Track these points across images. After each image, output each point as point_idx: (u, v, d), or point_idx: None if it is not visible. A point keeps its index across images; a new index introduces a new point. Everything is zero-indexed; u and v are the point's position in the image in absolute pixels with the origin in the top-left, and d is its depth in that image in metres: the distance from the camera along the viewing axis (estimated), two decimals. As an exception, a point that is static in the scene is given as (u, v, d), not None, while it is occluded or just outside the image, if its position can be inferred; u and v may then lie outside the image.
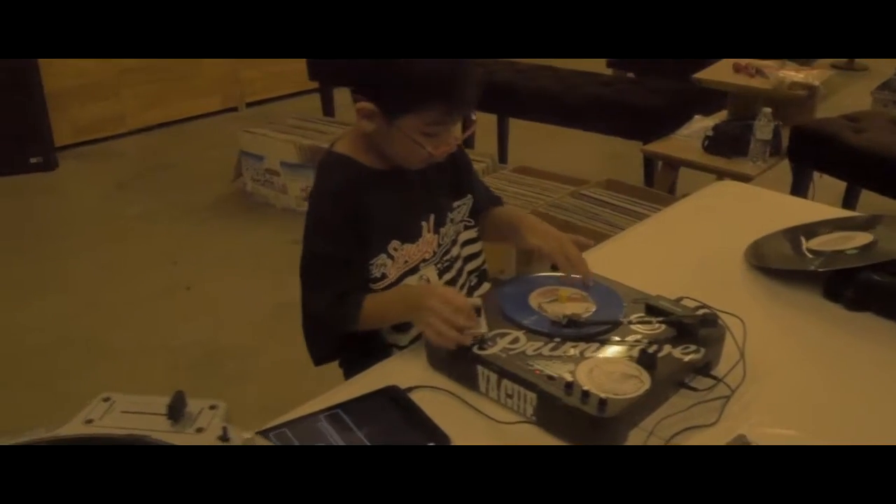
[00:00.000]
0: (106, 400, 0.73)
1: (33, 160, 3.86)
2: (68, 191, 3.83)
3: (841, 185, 2.97)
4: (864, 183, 2.85)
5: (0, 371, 2.41)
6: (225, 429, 0.69)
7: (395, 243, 1.24)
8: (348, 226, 1.21)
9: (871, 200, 2.86)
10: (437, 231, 1.29)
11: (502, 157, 3.85)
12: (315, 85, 4.27)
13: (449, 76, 1.13)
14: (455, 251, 1.34)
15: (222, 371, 2.42)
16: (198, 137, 4.43)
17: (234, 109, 4.78)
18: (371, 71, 1.15)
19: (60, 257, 3.15)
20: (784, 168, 3.04)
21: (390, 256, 1.24)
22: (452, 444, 1.01)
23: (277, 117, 3.85)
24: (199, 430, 0.70)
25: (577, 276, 1.25)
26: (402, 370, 1.17)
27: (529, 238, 1.32)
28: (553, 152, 3.93)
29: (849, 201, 2.97)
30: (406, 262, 1.26)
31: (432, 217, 1.28)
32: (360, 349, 1.28)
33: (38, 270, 3.06)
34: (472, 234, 1.37)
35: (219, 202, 3.66)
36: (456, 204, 1.34)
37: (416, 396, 1.10)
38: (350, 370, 1.29)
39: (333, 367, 1.37)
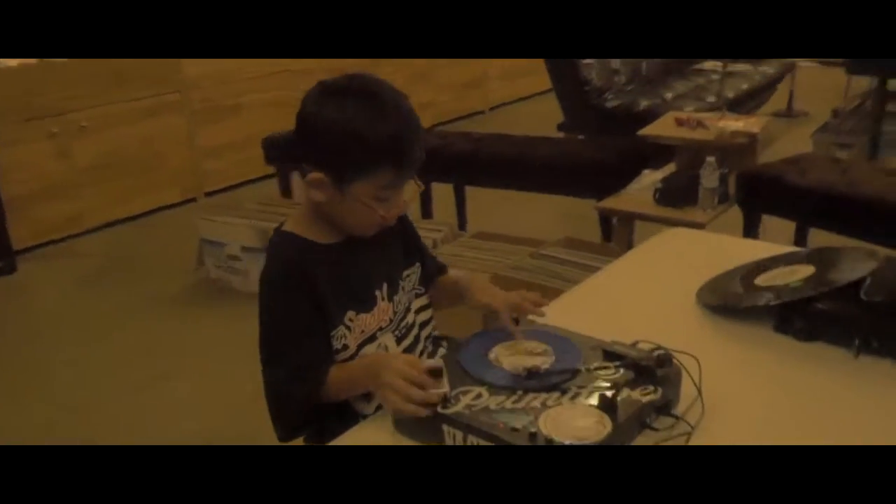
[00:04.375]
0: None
1: (-8, 265, 3.83)
2: (29, 293, 3.80)
3: (790, 226, 3.07)
4: (812, 222, 2.95)
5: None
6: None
7: (350, 314, 1.26)
8: (302, 299, 1.23)
9: (819, 238, 2.95)
10: (391, 299, 1.32)
11: (461, 224, 3.92)
12: (272, 170, 4.33)
13: (397, 139, 1.18)
14: (410, 318, 1.36)
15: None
16: (159, 230, 4.44)
17: (194, 200, 4.81)
18: (321, 139, 1.19)
19: (32, 362, 3.10)
20: (735, 213, 3.13)
21: (347, 328, 1.26)
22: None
23: (236, 204, 3.89)
24: None
25: (528, 325, 1.28)
26: (367, 437, 1.18)
27: (479, 297, 1.35)
28: (511, 216, 4.01)
29: (799, 241, 3.06)
30: (363, 331, 1.28)
31: (385, 286, 1.31)
32: (327, 419, 1.28)
33: (11, 377, 3.01)
34: (423, 300, 1.41)
35: (184, 292, 3.65)
36: (406, 272, 1.37)
37: (384, 462, 1.11)
38: (317, 441, 1.29)
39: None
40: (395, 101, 1.20)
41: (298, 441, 1.35)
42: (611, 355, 1.21)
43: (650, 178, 3.36)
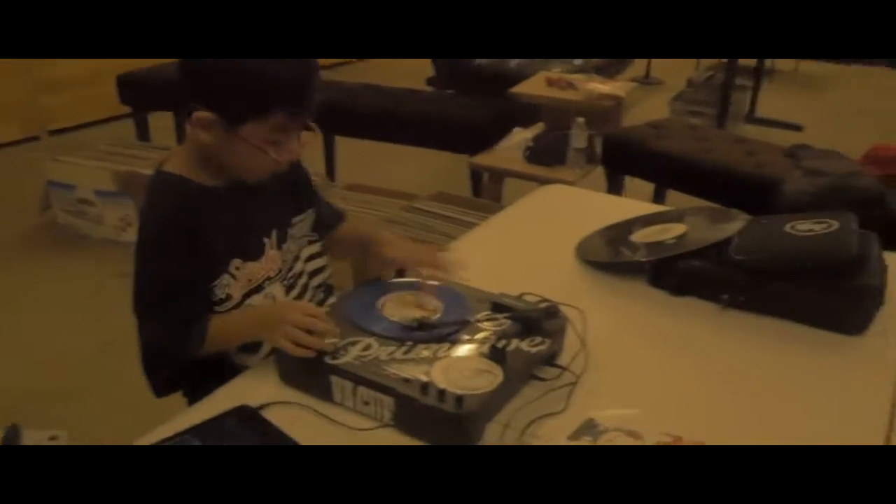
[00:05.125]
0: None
1: None
2: None
3: (650, 186, 3.21)
4: (668, 183, 3.09)
5: None
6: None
7: (236, 262, 1.20)
8: (184, 248, 1.15)
9: (675, 199, 3.10)
10: (280, 247, 1.26)
11: (331, 175, 3.84)
12: (127, 110, 4.06)
13: (294, 80, 1.11)
14: (299, 266, 1.31)
15: (48, 416, 2.23)
16: (-5, 169, 4.09)
17: (36, 138, 4.44)
18: (212, 77, 1.10)
19: None
20: (599, 173, 3.24)
21: (233, 276, 1.20)
22: (312, 457, 0.99)
23: (87, 144, 3.62)
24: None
25: (434, 283, 1.26)
26: (251, 389, 1.14)
27: (386, 251, 1.31)
28: (382, 169, 3.96)
29: (658, 201, 3.21)
30: (250, 280, 1.22)
31: (274, 233, 1.25)
32: (206, 374, 1.22)
33: None
34: (316, 248, 1.36)
35: (28, 237, 3.38)
36: (296, 219, 1.31)
37: (269, 414, 1.07)
38: (196, 397, 1.23)
39: (175, 401, 1.30)
40: None
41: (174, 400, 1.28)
42: (499, 307, 1.21)
43: (520, 137, 3.41)
